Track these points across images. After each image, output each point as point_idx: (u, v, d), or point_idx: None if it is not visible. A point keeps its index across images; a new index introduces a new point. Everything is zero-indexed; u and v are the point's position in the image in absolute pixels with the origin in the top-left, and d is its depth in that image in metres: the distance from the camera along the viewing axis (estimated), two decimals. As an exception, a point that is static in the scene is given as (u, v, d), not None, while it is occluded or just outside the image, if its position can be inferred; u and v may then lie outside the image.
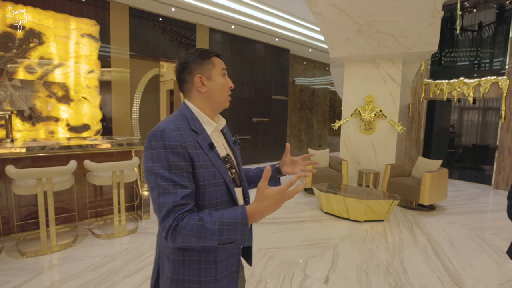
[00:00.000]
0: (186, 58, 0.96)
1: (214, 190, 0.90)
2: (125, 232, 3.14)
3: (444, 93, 6.57)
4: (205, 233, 0.78)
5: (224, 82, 0.99)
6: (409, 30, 4.41)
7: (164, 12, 5.61)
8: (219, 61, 1.00)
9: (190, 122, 0.92)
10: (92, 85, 4.99)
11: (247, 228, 0.81)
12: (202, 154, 0.89)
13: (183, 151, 0.84)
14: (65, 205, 3.29)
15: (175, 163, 0.83)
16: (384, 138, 5.38)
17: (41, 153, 2.78)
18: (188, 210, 0.82)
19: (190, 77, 0.96)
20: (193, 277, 0.90)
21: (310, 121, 9.87)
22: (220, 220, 0.79)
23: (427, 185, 4.19)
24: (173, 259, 0.91)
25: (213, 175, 0.90)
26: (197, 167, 0.87)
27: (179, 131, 0.87)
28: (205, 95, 0.96)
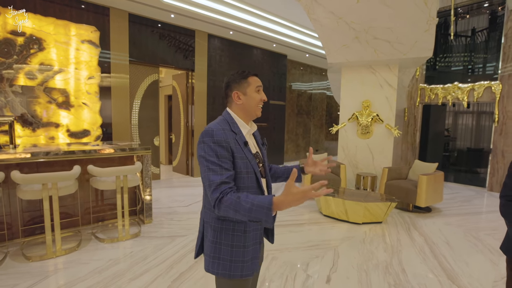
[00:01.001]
0: (229, 78, 1.28)
1: (247, 177, 1.18)
2: (129, 236, 3.17)
3: (439, 98, 6.72)
4: (239, 208, 1.02)
5: (257, 96, 1.26)
6: (405, 36, 4.54)
7: (163, 18, 5.69)
8: (255, 80, 1.27)
9: (231, 125, 1.22)
10: (92, 91, 5.03)
11: (271, 213, 1.00)
12: (239, 149, 1.18)
13: (226, 145, 1.13)
14: (68, 210, 3.32)
15: (221, 153, 1.12)
16: (381, 142, 5.48)
17: (46, 158, 2.81)
18: (231, 187, 1.09)
19: (231, 92, 1.26)
20: (228, 241, 1.18)
21: (307, 125, 9.97)
22: (252, 202, 1.02)
23: (424, 188, 4.29)
24: (215, 226, 1.20)
25: (246, 166, 1.18)
26: (235, 158, 1.16)
27: (223, 131, 1.16)
28: (240, 107, 1.26)
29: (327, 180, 1.26)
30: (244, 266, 1.19)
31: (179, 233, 3.40)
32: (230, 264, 1.18)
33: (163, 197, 4.94)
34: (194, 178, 6.51)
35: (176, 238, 3.25)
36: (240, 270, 1.18)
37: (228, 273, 1.18)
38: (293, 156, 9.51)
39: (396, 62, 5.21)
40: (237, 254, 1.18)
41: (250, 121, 1.31)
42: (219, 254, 1.19)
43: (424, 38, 4.47)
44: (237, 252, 1.18)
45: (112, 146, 3.51)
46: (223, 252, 1.18)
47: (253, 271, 1.22)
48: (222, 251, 1.19)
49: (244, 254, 1.19)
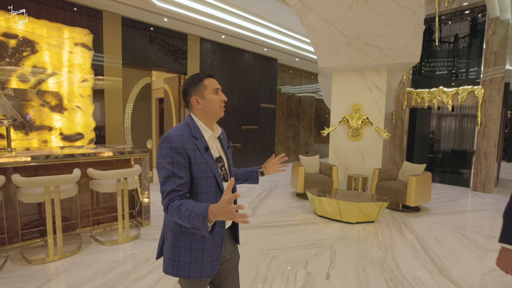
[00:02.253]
0: (184, 85, 1.29)
1: (206, 182, 1.20)
2: (129, 238, 3.18)
3: (425, 101, 6.99)
4: (180, 215, 1.06)
5: (215, 98, 1.27)
6: (393, 42, 4.73)
7: (156, 22, 5.71)
8: (212, 82, 1.27)
9: (192, 129, 1.23)
10: (86, 94, 4.99)
11: (206, 221, 1.02)
12: (198, 155, 1.20)
13: (183, 152, 1.16)
14: (66, 213, 3.30)
15: (176, 160, 1.14)
16: (370, 144, 5.64)
17: (46, 162, 2.80)
18: (181, 195, 1.12)
19: (189, 98, 1.27)
20: (186, 245, 1.21)
21: (297, 128, 10.12)
22: (191, 209, 1.05)
23: (413, 188, 4.47)
24: (174, 230, 1.22)
25: (205, 170, 1.20)
26: (193, 164, 1.18)
27: (182, 136, 1.18)
28: (201, 110, 1.27)
29: (239, 194, 1.10)
30: (203, 268, 1.22)
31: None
32: (189, 266, 1.21)
33: (158, 199, 4.94)
34: (187, 181, 6.52)
35: (176, 240, 3.27)
36: (199, 272, 1.21)
37: (188, 274, 1.21)
38: (284, 158, 9.61)
39: (384, 67, 5.40)
40: (196, 257, 1.21)
41: (213, 123, 1.33)
42: (178, 257, 1.21)
43: (412, 44, 4.67)
44: (196, 255, 1.21)
45: (110, 149, 3.52)
46: (182, 254, 1.21)
47: (212, 273, 1.24)
48: (181, 254, 1.21)
49: (203, 256, 1.21)
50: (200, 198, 1.21)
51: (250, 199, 5.20)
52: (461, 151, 7.09)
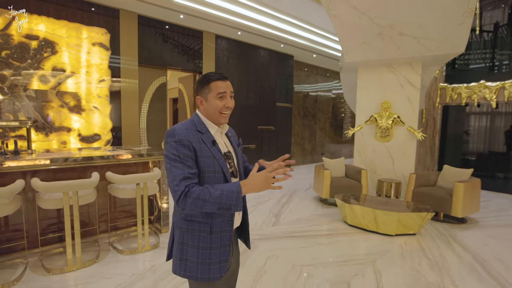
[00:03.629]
0: (196, 83, 1.30)
1: (213, 176, 1.17)
2: (148, 247, 3.02)
3: (462, 98, 6.34)
4: (209, 197, 1.05)
5: (217, 104, 1.22)
6: (435, 31, 4.28)
7: (172, 19, 5.57)
8: (218, 86, 1.22)
9: (197, 125, 1.22)
10: (103, 94, 4.90)
11: (241, 195, 1.08)
12: (205, 148, 1.17)
13: (188, 144, 1.14)
14: (85, 218, 3.18)
15: (183, 152, 1.13)
16: (402, 146, 5.18)
17: (65, 165, 2.68)
18: (195, 182, 1.11)
19: (196, 96, 1.28)
20: (193, 242, 1.17)
21: (313, 128, 9.75)
22: (221, 188, 1.08)
23: (460, 196, 3.95)
24: (181, 227, 1.19)
25: (213, 165, 1.17)
26: (199, 157, 1.15)
27: (186, 130, 1.17)
28: (204, 112, 1.26)
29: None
30: (211, 268, 1.16)
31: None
32: (196, 266, 1.16)
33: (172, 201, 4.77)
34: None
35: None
36: (207, 273, 1.16)
37: (195, 275, 1.16)
38: (299, 159, 9.28)
39: (419, 60, 4.92)
40: (203, 256, 1.16)
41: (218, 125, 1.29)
42: (186, 256, 1.17)
43: (457, 32, 4.16)
44: (203, 253, 1.16)
45: (128, 151, 3.38)
46: (189, 253, 1.17)
47: (220, 275, 1.18)
48: (188, 253, 1.17)
49: (211, 256, 1.17)
50: None
51: (271, 204, 4.95)
52: (499, 153, 6.39)
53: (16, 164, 2.45)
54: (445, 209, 4.11)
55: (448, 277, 2.67)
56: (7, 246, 2.74)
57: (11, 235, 2.77)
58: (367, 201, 4.07)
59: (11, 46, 4.02)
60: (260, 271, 2.69)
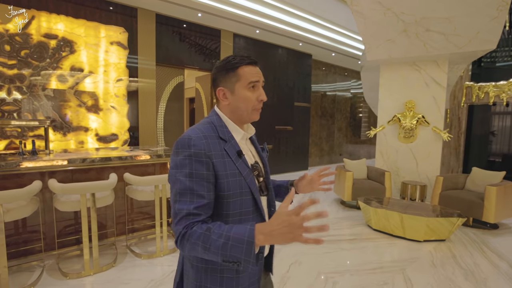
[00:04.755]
0: (215, 69, 0.97)
1: (240, 200, 0.88)
2: (167, 251, 2.92)
3: (490, 97, 6.04)
4: (209, 245, 0.76)
5: (249, 96, 0.93)
6: (465, 27, 4.03)
7: (190, 18, 5.49)
8: (249, 72, 0.93)
9: (218, 129, 0.91)
10: (120, 94, 4.87)
11: (252, 248, 0.72)
12: (230, 163, 0.88)
13: (207, 160, 0.84)
14: (102, 219, 3.11)
15: (197, 171, 0.83)
16: (426, 147, 4.96)
17: (82, 166, 2.61)
18: (200, 220, 0.81)
19: (216, 88, 0.96)
20: (215, 286, 0.88)
21: (330, 129, 9.54)
22: (226, 234, 0.75)
23: (493, 200, 3.71)
24: (197, 266, 0.90)
25: (239, 185, 0.88)
26: (222, 177, 0.85)
27: (205, 139, 0.86)
28: (228, 107, 0.95)
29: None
30: None
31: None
32: None
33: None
34: (221, 184, 6.24)
35: (216, 253, 2.97)
36: None
37: None
38: (316, 160, 9.10)
39: (446, 57, 4.68)
40: None
41: (244, 125, 1.01)
42: None
43: (490, 27, 3.91)
44: None
45: (146, 151, 3.29)
46: None
47: None
48: None
49: None
50: (230, 222, 0.87)
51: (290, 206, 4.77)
52: None
53: (33, 165, 2.39)
54: (475, 213, 3.88)
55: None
56: (24, 249, 2.70)
57: (28, 237, 2.72)
58: (392, 205, 3.87)
59: (30, 46, 4.02)
60: (284, 278, 2.56)
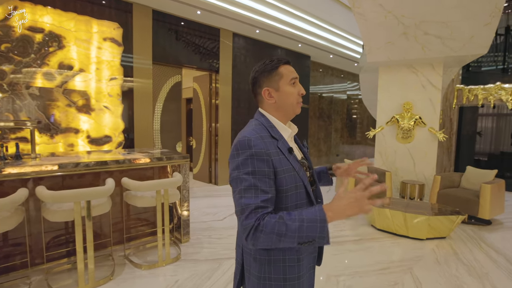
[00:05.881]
0: (255, 72, 1.04)
1: (295, 193, 0.95)
2: (169, 260, 2.71)
3: (479, 99, 6.22)
4: (285, 230, 0.82)
5: (293, 91, 1.02)
6: (460, 31, 4.08)
7: (188, 15, 5.28)
8: (288, 70, 1.02)
9: (269, 130, 0.99)
10: (114, 93, 4.61)
11: (326, 225, 0.83)
12: (284, 159, 0.94)
13: (267, 158, 0.90)
14: (97, 228, 2.87)
15: (259, 169, 0.89)
16: (423, 147, 5.02)
17: (75, 171, 2.37)
18: (269, 212, 0.86)
19: (260, 89, 1.03)
20: (278, 275, 0.96)
21: (328, 129, 9.51)
22: (300, 217, 0.83)
23: (488, 198, 3.83)
24: (260, 258, 0.96)
25: (294, 179, 0.95)
26: (280, 173, 0.92)
27: (262, 139, 0.93)
28: (275, 105, 1.02)
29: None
30: None
31: (224, 255, 2.92)
32: None
33: (191, 209, 4.47)
34: (218, 187, 6.04)
35: (222, 262, 2.78)
36: None
37: None
38: (314, 161, 9.03)
39: (441, 61, 4.75)
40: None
41: (288, 121, 1.09)
42: None
43: (483, 33, 3.99)
44: (291, 285, 0.97)
45: (145, 154, 3.07)
46: None
47: None
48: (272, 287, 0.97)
49: (300, 285, 0.99)
50: None
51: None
52: None
53: (18, 171, 2.13)
54: (471, 211, 3.99)
55: (489, 283, 2.56)
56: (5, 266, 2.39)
57: (11, 251, 2.44)
58: (395, 204, 3.88)
59: (12, 39, 3.70)
60: None
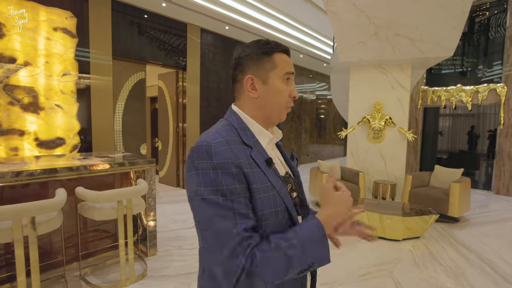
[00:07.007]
0: (242, 51, 0.78)
1: (275, 220, 0.71)
2: (134, 278, 2.39)
3: (442, 100, 6.56)
4: (288, 263, 0.62)
5: (284, 89, 0.77)
6: (429, 33, 4.20)
7: (152, 8, 4.90)
8: (285, 61, 0.78)
9: (241, 133, 0.74)
10: (68, 91, 4.11)
11: (327, 242, 0.68)
12: (259, 174, 0.70)
13: (237, 171, 0.66)
14: (45, 245, 2.46)
15: (228, 187, 0.64)
16: (393, 147, 5.16)
17: (16, 181, 1.98)
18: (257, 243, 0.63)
19: (242, 76, 0.77)
20: None
21: (298, 130, 9.52)
22: (300, 242, 0.64)
23: (457, 196, 3.96)
24: None
25: (274, 202, 0.71)
26: (254, 191, 0.68)
27: (228, 144, 0.69)
28: (256, 102, 0.77)
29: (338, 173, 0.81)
30: None
31: (197, 268, 2.67)
32: None
33: (157, 217, 4.13)
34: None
35: (195, 276, 2.52)
36: None
37: None
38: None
39: (409, 62, 4.90)
40: None
41: (269, 127, 0.82)
42: None
43: (450, 36, 4.16)
44: None
45: (104, 159, 2.71)
46: None
47: None
48: None
49: None
50: None
51: None
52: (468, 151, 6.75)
53: None
54: (441, 209, 4.10)
55: (466, 282, 2.60)
56: None
57: None
58: (370, 205, 3.87)
59: None
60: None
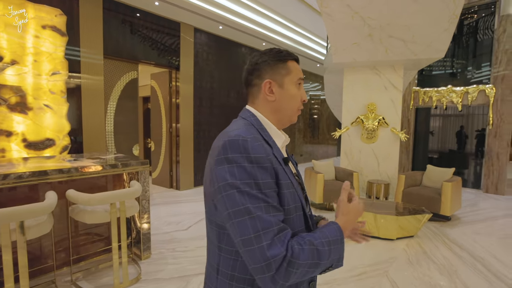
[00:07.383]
0: (258, 58, 0.83)
1: (295, 216, 0.75)
2: (127, 282, 2.34)
3: (433, 101, 6.66)
4: (319, 259, 0.67)
5: (297, 93, 0.84)
6: (421, 35, 4.26)
7: (145, 6, 4.83)
8: (297, 68, 0.85)
9: (261, 132, 0.78)
10: (57, 90, 4.01)
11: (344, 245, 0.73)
12: (282, 171, 0.73)
13: (269, 166, 0.69)
14: (35, 250, 2.39)
15: (264, 181, 0.67)
16: (386, 147, 5.21)
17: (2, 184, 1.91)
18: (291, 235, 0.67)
19: (259, 81, 0.83)
20: None
21: (292, 130, 9.54)
22: (326, 240, 0.69)
23: (449, 195, 4.02)
24: None
25: (293, 198, 0.75)
26: (281, 186, 0.71)
27: (260, 140, 0.72)
28: (272, 105, 0.83)
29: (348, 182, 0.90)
30: None
31: (192, 270, 2.63)
32: None
33: (157, 219, 4.06)
34: (180, 192, 5.65)
35: (190, 279, 2.48)
36: None
37: None
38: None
39: (402, 63, 4.96)
40: None
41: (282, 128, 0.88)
42: None
43: (441, 38, 4.22)
44: None
45: (96, 160, 2.65)
46: None
47: None
48: None
49: None
50: None
51: None
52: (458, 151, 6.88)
53: None
54: (434, 208, 4.15)
55: (458, 280, 2.64)
56: None
57: None
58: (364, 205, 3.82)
59: None
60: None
